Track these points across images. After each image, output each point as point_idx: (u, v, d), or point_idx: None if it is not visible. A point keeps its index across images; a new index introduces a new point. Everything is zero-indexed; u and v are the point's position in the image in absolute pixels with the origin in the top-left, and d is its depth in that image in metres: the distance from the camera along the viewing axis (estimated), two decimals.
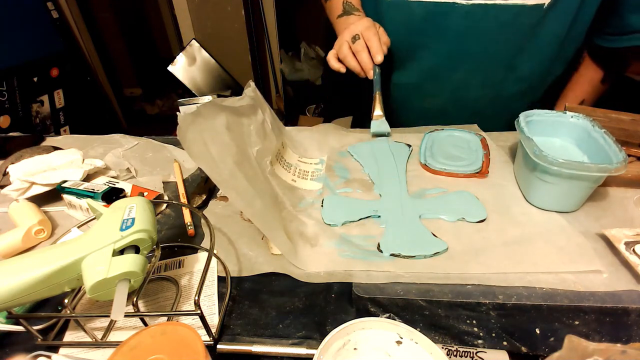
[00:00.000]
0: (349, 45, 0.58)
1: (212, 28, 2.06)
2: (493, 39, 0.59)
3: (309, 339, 0.33)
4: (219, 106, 0.42)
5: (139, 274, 0.30)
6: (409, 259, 0.39)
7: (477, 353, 0.30)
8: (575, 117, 0.49)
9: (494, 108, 0.68)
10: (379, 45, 0.57)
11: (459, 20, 0.58)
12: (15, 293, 0.29)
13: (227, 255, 0.41)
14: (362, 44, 0.57)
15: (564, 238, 0.41)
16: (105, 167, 0.56)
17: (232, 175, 0.38)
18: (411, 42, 0.63)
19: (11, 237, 0.43)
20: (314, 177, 0.53)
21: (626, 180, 0.47)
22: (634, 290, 0.35)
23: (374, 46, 0.56)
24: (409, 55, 0.65)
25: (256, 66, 2.14)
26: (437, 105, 0.70)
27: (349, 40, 0.58)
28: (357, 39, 0.57)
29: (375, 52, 0.57)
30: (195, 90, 2.05)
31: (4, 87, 1.61)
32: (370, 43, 0.57)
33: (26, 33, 1.68)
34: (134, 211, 0.34)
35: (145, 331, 0.26)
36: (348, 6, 0.67)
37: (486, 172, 0.51)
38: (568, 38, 0.58)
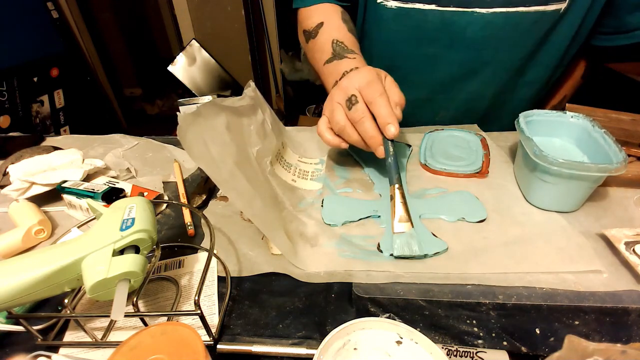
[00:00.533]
0: (344, 112, 0.43)
1: (212, 28, 2.06)
2: (509, 47, 0.56)
3: (309, 339, 0.33)
4: (219, 106, 0.42)
5: (139, 274, 0.30)
6: (409, 259, 0.39)
7: (477, 353, 0.30)
8: (575, 117, 0.49)
9: (502, 112, 0.66)
10: (389, 111, 0.41)
11: (477, 29, 0.54)
12: (15, 293, 0.29)
13: (227, 255, 0.41)
14: (362, 109, 0.42)
15: (564, 238, 0.41)
16: (105, 167, 0.56)
17: (232, 175, 0.38)
18: (421, 53, 0.58)
19: (11, 237, 0.43)
20: (314, 177, 0.53)
21: (626, 180, 0.47)
22: (634, 290, 0.35)
23: (382, 112, 0.41)
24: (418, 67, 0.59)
25: (256, 66, 2.14)
26: (447, 118, 0.66)
27: (343, 104, 0.43)
28: (354, 103, 0.42)
29: (385, 122, 0.41)
30: (195, 90, 2.05)
31: (4, 87, 1.61)
32: (375, 107, 0.41)
33: (26, 33, 1.69)
34: (134, 211, 0.34)
35: (145, 331, 0.26)
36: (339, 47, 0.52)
37: (486, 172, 0.51)
38: (573, 42, 0.58)
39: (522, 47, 0.57)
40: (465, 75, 0.60)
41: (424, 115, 0.65)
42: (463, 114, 0.66)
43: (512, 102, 0.65)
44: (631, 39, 0.55)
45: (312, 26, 0.58)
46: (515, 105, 0.66)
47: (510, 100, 0.65)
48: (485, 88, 0.62)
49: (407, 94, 0.58)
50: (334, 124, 0.44)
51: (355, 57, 0.52)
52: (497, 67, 0.59)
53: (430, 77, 0.60)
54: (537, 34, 0.55)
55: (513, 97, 0.64)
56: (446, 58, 0.58)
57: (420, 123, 0.65)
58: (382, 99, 0.41)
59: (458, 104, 0.64)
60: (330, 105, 0.45)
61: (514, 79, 0.61)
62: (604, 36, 0.58)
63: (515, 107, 0.65)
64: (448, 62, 0.58)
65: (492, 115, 0.66)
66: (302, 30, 0.61)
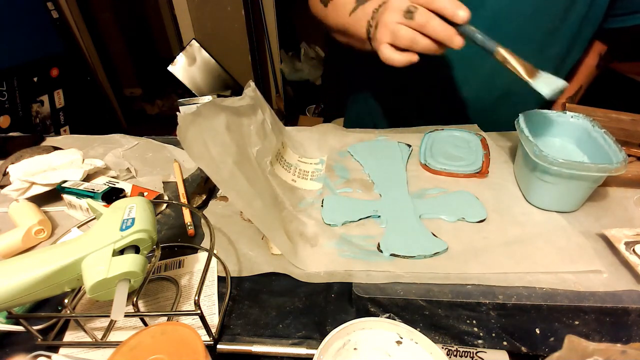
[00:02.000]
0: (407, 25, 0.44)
1: (212, 28, 2.06)
2: (528, 22, 0.57)
3: (309, 339, 0.33)
4: (219, 106, 0.42)
5: (139, 274, 0.30)
6: (409, 259, 0.39)
7: (477, 353, 0.30)
8: (575, 117, 0.49)
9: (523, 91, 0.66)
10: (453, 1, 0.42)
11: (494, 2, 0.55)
12: (15, 293, 0.29)
13: (227, 255, 0.41)
14: (424, 12, 0.42)
15: (564, 238, 0.41)
16: (105, 167, 0.56)
17: (232, 175, 0.38)
18: None
19: (11, 237, 0.43)
20: (314, 177, 0.53)
21: (626, 180, 0.47)
22: (634, 290, 0.35)
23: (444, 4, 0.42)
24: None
25: (256, 66, 2.14)
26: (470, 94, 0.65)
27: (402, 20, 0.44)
28: (413, 11, 0.42)
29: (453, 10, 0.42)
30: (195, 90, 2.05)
31: (4, 87, 1.61)
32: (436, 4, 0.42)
33: (26, 33, 1.69)
34: (134, 211, 0.34)
35: (145, 331, 0.26)
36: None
37: (486, 172, 0.51)
38: (586, 19, 0.58)
39: (541, 21, 0.57)
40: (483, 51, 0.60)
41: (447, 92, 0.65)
42: (485, 90, 0.65)
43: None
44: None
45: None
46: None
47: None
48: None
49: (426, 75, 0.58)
50: (402, 39, 0.44)
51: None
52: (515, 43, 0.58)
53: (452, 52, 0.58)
54: (556, 9, 0.56)
55: None
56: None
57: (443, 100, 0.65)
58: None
59: (479, 80, 0.64)
60: (387, 28, 0.45)
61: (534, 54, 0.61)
62: (618, 17, 0.58)
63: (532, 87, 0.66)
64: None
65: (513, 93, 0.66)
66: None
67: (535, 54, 0.60)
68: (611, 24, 0.60)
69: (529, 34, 0.58)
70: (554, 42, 0.60)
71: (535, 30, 0.58)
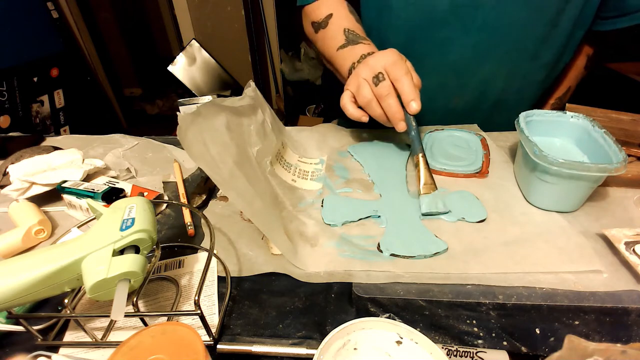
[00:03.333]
0: (370, 87, 0.46)
1: (212, 28, 2.06)
2: (520, 29, 0.57)
3: (309, 339, 0.33)
4: (219, 106, 0.42)
5: (139, 274, 0.30)
6: (409, 259, 0.39)
7: (477, 353, 0.30)
8: (575, 117, 0.49)
9: (517, 98, 0.66)
10: (412, 88, 0.45)
11: (488, 10, 0.54)
12: (15, 293, 0.29)
13: (227, 255, 0.41)
14: (387, 86, 0.45)
15: (564, 238, 0.41)
16: (105, 167, 0.56)
17: (232, 175, 0.38)
18: (433, 38, 0.58)
19: (11, 237, 0.43)
20: (314, 177, 0.53)
21: (626, 180, 0.47)
22: (634, 290, 0.35)
23: (405, 90, 0.45)
24: (431, 52, 0.59)
25: (256, 66, 2.14)
26: (461, 103, 0.66)
27: (370, 80, 0.46)
28: (380, 79, 0.45)
29: (408, 98, 0.45)
30: (195, 90, 2.06)
31: (4, 87, 1.61)
32: (399, 85, 0.45)
33: (26, 33, 1.69)
34: (134, 211, 0.34)
35: (145, 331, 0.26)
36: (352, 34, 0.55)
37: (486, 172, 0.51)
38: (578, 23, 0.58)
39: (533, 29, 0.57)
40: (479, 58, 0.60)
41: (438, 101, 0.66)
42: (477, 100, 0.66)
43: (524, 87, 0.65)
44: (632, 20, 0.56)
45: (322, 17, 0.61)
46: (527, 89, 0.66)
47: (523, 84, 0.65)
48: (499, 71, 0.62)
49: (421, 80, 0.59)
50: (361, 97, 0.47)
51: (369, 43, 0.55)
52: (509, 49, 0.59)
53: (444, 61, 0.60)
54: (547, 15, 0.55)
55: (525, 81, 0.64)
56: (458, 42, 0.58)
57: (434, 110, 0.66)
58: (407, 78, 0.45)
59: (472, 89, 0.64)
60: (356, 80, 0.48)
61: (527, 62, 0.61)
62: (606, 20, 0.58)
63: (526, 92, 0.66)
64: (460, 45, 0.59)
65: (505, 101, 0.66)
66: (309, 22, 0.64)
67: (529, 61, 0.61)
68: (601, 27, 0.59)
69: (522, 42, 0.58)
70: (546, 49, 0.60)
71: (528, 39, 0.58)
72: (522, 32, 0.57)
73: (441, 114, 0.67)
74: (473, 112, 0.66)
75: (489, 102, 0.66)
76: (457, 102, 0.66)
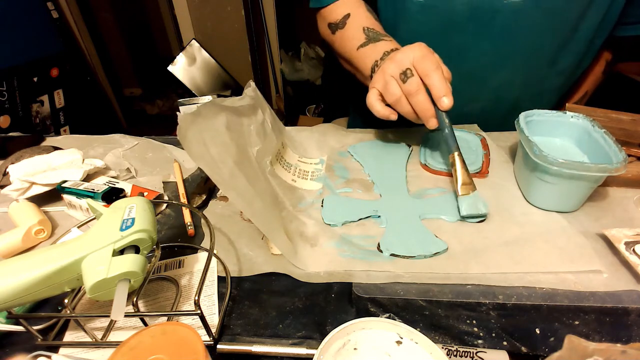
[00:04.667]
0: (398, 84, 0.45)
1: (212, 28, 2.06)
2: (539, 35, 0.55)
3: (309, 339, 0.33)
4: (219, 106, 0.42)
5: (139, 274, 0.30)
6: (409, 259, 0.39)
7: (477, 353, 0.30)
8: (575, 117, 0.49)
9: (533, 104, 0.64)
10: (443, 83, 0.43)
11: (506, 17, 0.53)
12: (15, 293, 0.29)
13: (227, 255, 0.41)
14: (416, 82, 0.44)
15: (564, 238, 0.41)
16: (105, 167, 0.56)
17: (232, 175, 0.38)
18: (450, 44, 0.57)
19: (11, 237, 0.43)
20: (314, 177, 0.53)
21: (626, 180, 0.47)
22: (634, 290, 0.35)
23: (436, 85, 0.43)
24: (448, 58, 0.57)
25: (256, 66, 2.14)
26: (476, 109, 0.65)
27: (397, 77, 0.45)
28: (409, 76, 0.44)
29: (439, 94, 0.43)
30: (195, 90, 2.06)
31: (4, 87, 1.61)
32: (429, 80, 0.43)
33: (26, 33, 1.69)
34: (134, 211, 0.34)
35: (145, 331, 0.26)
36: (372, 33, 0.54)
37: (486, 172, 0.51)
38: (599, 29, 0.57)
39: (552, 35, 0.56)
40: (495, 64, 0.59)
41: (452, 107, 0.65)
42: (492, 105, 0.64)
43: (541, 93, 0.64)
44: None
45: (339, 18, 0.59)
46: (544, 96, 0.65)
47: (539, 90, 0.64)
48: (515, 78, 0.60)
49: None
50: (389, 95, 0.46)
51: (391, 40, 0.53)
52: (527, 56, 0.58)
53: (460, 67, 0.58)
54: (568, 21, 0.54)
55: (542, 88, 0.63)
56: (475, 47, 0.57)
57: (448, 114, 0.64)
58: (437, 73, 0.43)
59: (487, 95, 0.63)
60: (383, 77, 0.46)
61: (544, 68, 0.60)
62: (629, 26, 0.58)
63: (544, 98, 0.64)
64: (478, 51, 0.58)
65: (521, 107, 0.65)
66: (326, 24, 0.62)
67: (546, 67, 0.60)
68: (623, 32, 0.59)
69: (541, 47, 0.57)
70: (566, 54, 0.59)
71: (546, 44, 0.57)
72: (541, 38, 0.56)
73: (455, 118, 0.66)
74: (488, 118, 0.65)
75: (505, 107, 0.65)
76: (472, 108, 0.65)
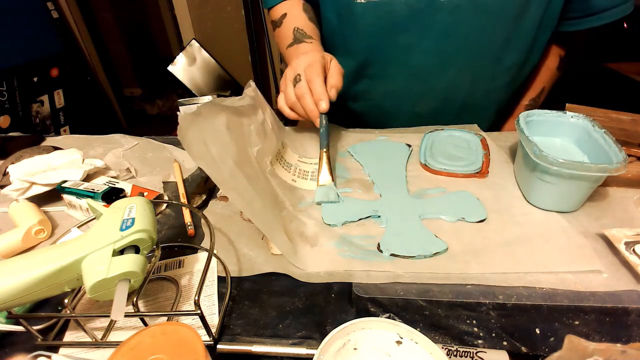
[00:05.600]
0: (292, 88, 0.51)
1: (212, 28, 2.06)
2: (480, 33, 0.57)
3: (309, 339, 0.33)
4: (219, 106, 0.42)
5: (139, 274, 0.30)
6: (409, 259, 0.39)
7: (477, 353, 0.30)
8: (575, 117, 0.49)
9: (484, 101, 0.67)
10: (322, 89, 0.48)
11: (445, 15, 0.55)
12: (15, 293, 0.29)
13: (227, 255, 0.41)
14: (304, 86, 0.49)
15: (564, 238, 0.41)
16: (105, 167, 0.56)
17: (232, 175, 0.38)
18: (395, 44, 0.59)
19: (11, 237, 0.43)
20: (314, 177, 0.53)
21: (626, 180, 0.47)
22: (634, 290, 0.35)
23: (316, 90, 0.48)
24: (394, 57, 0.61)
25: (256, 66, 2.14)
26: (427, 108, 0.67)
27: (292, 82, 0.51)
28: (298, 81, 0.50)
29: (318, 98, 0.49)
30: (195, 90, 2.05)
31: (4, 87, 1.61)
32: (312, 85, 0.49)
33: (26, 33, 1.69)
34: (134, 211, 0.34)
35: (145, 331, 0.26)
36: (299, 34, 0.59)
37: (486, 172, 0.51)
38: (542, 26, 0.58)
39: (493, 33, 0.57)
40: (441, 63, 0.60)
41: (403, 106, 0.67)
42: (442, 104, 0.66)
43: (494, 90, 0.66)
44: (600, 20, 0.56)
45: (278, 17, 0.65)
46: (494, 93, 0.66)
47: (492, 88, 0.65)
48: (463, 76, 0.62)
49: (386, 86, 0.63)
50: (287, 99, 0.51)
51: (312, 42, 0.58)
52: (471, 54, 0.59)
53: (406, 67, 0.61)
54: (507, 18, 0.55)
55: (494, 85, 0.65)
56: (419, 47, 0.59)
57: (400, 114, 0.68)
58: (317, 79, 0.48)
59: (436, 94, 0.65)
60: (284, 82, 0.52)
61: (490, 66, 0.61)
62: (574, 21, 0.59)
63: (493, 95, 0.66)
64: (422, 51, 0.59)
65: (472, 105, 0.67)
66: (270, 21, 0.68)
67: (492, 64, 0.61)
68: (566, 28, 0.60)
69: (483, 45, 0.59)
70: (509, 51, 0.60)
71: (488, 42, 0.58)
72: (482, 37, 0.57)
73: (407, 117, 0.68)
74: (439, 116, 0.67)
75: (455, 106, 0.67)
76: (422, 107, 0.67)
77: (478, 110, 0.67)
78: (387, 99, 0.67)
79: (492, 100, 0.67)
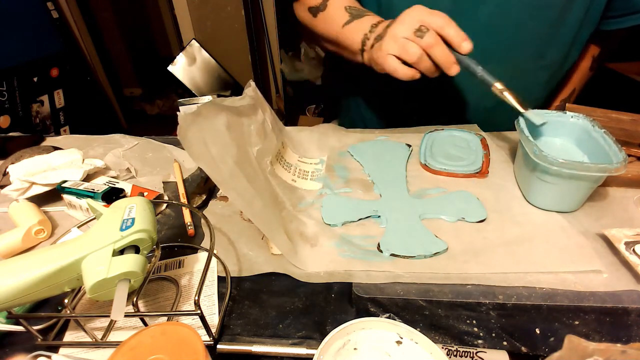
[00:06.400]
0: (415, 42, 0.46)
1: (212, 28, 2.06)
2: (524, 27, 0.56)
3: (309, 339, 0.33)
4: (219, 106, 0.42)
5: (139, 274, 0.30)
6: (409, 259, 0.39)
7: (477, 353, 0.30)
8: (575, 117, 0.49)
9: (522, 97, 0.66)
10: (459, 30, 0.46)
11: (490, 8, 0.54)
12: (15, 293, 0.29)
13: (227, 255, 0.41)
14: (434, 35, 0.46)
15: (564, 238, 0.41)
16: (105, 167, 0.56)
17: (232, 175, 0.38)
18: None
19: (11, 237, 0.43)
20: (314, 177, 0.53)
21: (626, 180, 0.47)
22: (634, 290, 0.35)
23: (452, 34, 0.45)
24: None
25: (256, 66, 2.14)
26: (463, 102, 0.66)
27: (411, 37, 0.46)
28: (424, 31, 0.46)
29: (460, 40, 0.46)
30: (195, 90, 2.05)
31: (4, 87, 1.61)
32: (446, 31, 0.46)
33: (26, 33, 1.68)
34: (134, 211, 0.34)
35: (145, 331, 0.26)
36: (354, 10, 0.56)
37: (486, 172, 0.51)
38: (585, 22, 0.58)
39: (537, 28, 0.57)
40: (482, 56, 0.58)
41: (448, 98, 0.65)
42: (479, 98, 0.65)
43: (532, 86, 0.65)
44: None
45: (319, 1, 0.61)
46: (532, 91, 0.65)
47: (530, 84, 0.64)
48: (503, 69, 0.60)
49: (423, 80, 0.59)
50: (410, 55, 0.47)
51: (373, 14, 0.55)
52: (513, 49, 0.59)
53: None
54: (552, 12, 0.55)
55: (532, 81, 0.64)
56: None
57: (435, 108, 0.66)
58: (451, 24, 0.46)
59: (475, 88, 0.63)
60: (395, 42, 0.47)
61: (531, 62, 0.61)
62: (614, 19, 0.58)
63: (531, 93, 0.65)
64: None
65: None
66: (306, 8, 0.63)
67: (534, 60, 0.60)
68: (607, 26, 0.59)
69: (525, 40, 0.58)
70: (551, 48, 0.59)
71: (531, 37, 0.58)
72: (526, 32, 0.57)
73: (449, 110, 0.67)
74: (474, 111, 0.66)
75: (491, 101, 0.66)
76: (466, 100, 0.66)
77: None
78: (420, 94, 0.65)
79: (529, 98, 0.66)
